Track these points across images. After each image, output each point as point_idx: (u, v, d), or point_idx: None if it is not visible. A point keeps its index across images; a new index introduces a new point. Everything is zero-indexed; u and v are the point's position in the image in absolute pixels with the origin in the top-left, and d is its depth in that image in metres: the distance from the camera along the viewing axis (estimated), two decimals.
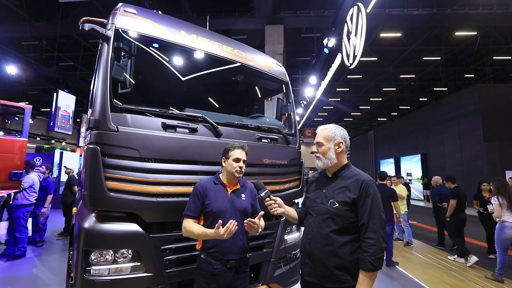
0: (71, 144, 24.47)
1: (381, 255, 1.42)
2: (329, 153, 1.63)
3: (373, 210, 1.47)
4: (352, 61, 6.68)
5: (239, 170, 1.88)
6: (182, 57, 2.55)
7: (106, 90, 1.97)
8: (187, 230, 1.78)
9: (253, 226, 1.71)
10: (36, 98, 20.42)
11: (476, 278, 4.41)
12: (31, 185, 5.05)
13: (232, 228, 1.61)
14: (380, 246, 1.42)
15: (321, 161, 1.66)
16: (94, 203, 1.87)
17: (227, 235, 1.61)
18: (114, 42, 2.10)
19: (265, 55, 3.37)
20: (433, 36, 12.63)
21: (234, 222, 1.62)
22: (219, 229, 1.60)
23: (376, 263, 1.39)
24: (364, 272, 1.41)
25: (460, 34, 12.29)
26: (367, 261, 1.40)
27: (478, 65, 15.09)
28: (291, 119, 3.27)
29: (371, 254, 1.40)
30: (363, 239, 1.45)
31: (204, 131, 2.28)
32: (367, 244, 1.42)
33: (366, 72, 16.21)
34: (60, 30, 10.98)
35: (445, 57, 14.41)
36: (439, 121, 17.69)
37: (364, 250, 1.43)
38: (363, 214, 1.48)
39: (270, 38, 10.84)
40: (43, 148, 19.43)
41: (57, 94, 12.87)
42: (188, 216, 1.81)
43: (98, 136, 1.88)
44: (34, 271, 4.34)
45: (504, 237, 4.28)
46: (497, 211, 4.42)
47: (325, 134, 1.67)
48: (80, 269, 1.80)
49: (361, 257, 1.43)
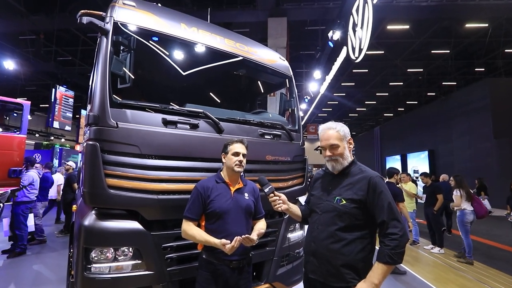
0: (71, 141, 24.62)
1: (402, 250, 1.41)
2: (346, 153, 1.63)
3: (391, 206, 1.47)
4: (358, 54, 6.62)
5: (238, 164, 1.87)
6: (182, 51, 2.54)
7: (105, 85, 1.97)
8: (188, 234, 1.78)
9: (248, 242, 1.70)
10: (34, 94, 20.54)
11: (484, 277, 4.41)
12: (31, 182, 5.11)
13: (238, 245, 1.64)
14: (403, 241, 1.41)
15: (338, 164, 1.63)
16: (94, 201, 1.89)
17: (231, 252, 1.64)
18: (113, 36, 2.10)
19: (268, 49, 3.35)
20: (442, 28, 12.46)
21: (240, 239, 1.64)
22: (225, 245, 1.63)
23: (396, 257, 1.39)
24: (380, 263, 1.41)
25: (470, 26, 12.12)
26: (386, 254, 1.39)
27: (489, 59, 14.91)
28: (294, 115, 3.26)
29: (392, 248, 1.39)
30: (386, 234, 1.43)
31: (205, 127, 2.28)
32: (390, 238, 1.41)
33: (372, 66, 16.08)
34: (58, 24, 10.99)
35: (455, 50, 14.24)
36: (447, 116, 17.53)
37: (385, 244, 1.42)
38: (380, 211, 1.47)
39: (273, 31, 10.76)
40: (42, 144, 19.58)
41: (55, 90, 12.94)
42: (189, 218, 1.81)
43: (98, 132, 1.89)
44: (35, 268, 4.41)
45: (466, 221, 5.14)
46: (457, 201, 5.35)
47: (336, 135, 1.63)
48: (80, 267, 1.82)
49: (381, 250, 1.43)
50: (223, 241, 1.65)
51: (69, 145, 21.82)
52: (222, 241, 1.65)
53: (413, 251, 5.94)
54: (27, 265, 4.54)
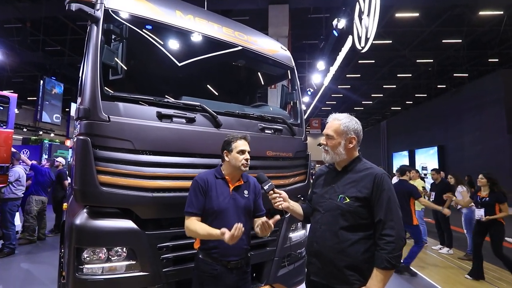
0: (60, 136, 24.61)
1: (399, 253, 1.42)
2: (339, 148, 1.61)
3: (390, 206, 1.47)
4: (364, 44, 6.58)
5: (245, 163, 1.87)
6: (178, 40, 2.53)
7: (96, 77, 1.96)
8: (191, 230, 1.76)
9: (267, 228, 1.69)
10: (21, 86, 20.43)
11: (495, 280, 4.45)
12: (17, 178, 5.12)
13: (238, 233, 1.55)
14: (399, 244, 1.42)
15: (328, 155, 1.65)
16: (85, 198, 1.89)
17: (232, 241, 1.56)
18: (104, 24, 2.08)
19: (269, 38, 3.33)
20: (453, 16, 12.34)
21: (240, 226, 1.56)
22: (225, 234, 1.55)
23: (394, 261, 1.40)
24: (379, 269, 1.42)
25: (484, 13, 12.00)
26: (384, 259, 1.40)
27: (504, 49, 14.78)
28: (296, 108, 3.25)
29: (389, 251, 1.40)
30: (381, 236, 1.45)
31: (202, 121, 2.28)
32: (385, 241, 1.43)
33: (379, 56, 15.98)
34: (45, 11, 10.87)
35: (467, 40, 14.13)
36: (458, 110, 17.49)
37: (381, 247, 1.43)
38: (379, 210, 1.48)
39: (274, 20, 10.66)
40: (30, 139, 19.60)
41: (43, 82, 12.89)
42: (191, 213, 1.80)
43: (88, 127, 1.89)
44: (24, 269, 4.44)
45: (472, 219, 5.09)
46: (465, 197, 5.36)
47: (336, 127, 1.63)
48: (72, 268, 1.84)
49: (378, 254, 1.44)
50: (224, 229, 1.58)
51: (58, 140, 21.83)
52: (222, 229, 1.59)
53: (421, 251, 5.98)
54: (16, 266, 4.58)
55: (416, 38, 14.06)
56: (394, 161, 25.28)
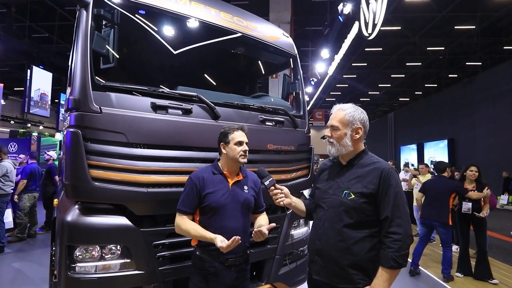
0: (50, 128, 24.60)
1: (406, 251, 1.43)
2: (345, 140, 1.61)
3: (397, 202, 1.48)
4: (371, 30, 6.53)
5: (243, 155, 1.88)
6: (173, 26, 2.51)
7: (87, 65, 1.95)
8: (182, 228, 1.79)
9: (260, 237, 1.72)
10: (7, 76, 20.31)
11: (505, 278, 4.50)
12: (5, 173, 5.13)
13: (234, 245, 1.62)
14: (406, 242, 1.43)
15: (334, 148, 1.65)
16: (76, 194, 1.90)
17: (226, 250, 1.63)
18: (94, 9, 2.06)
19: (270, 24, 3.31)
20: (467, 1, 12.20)
21: (238, 239, 1.61)
22: (222, 243, 1.61)
23: (400, 260, 1.41)
24: (385, 268, 1.43)
25: None
26: (390, 258, 1.41)
27: None
28: (299, 99, 3.24)
29: (396, 250, 1.41)
30: (387, 234, 1.46)
31: (199, 112, 2.27)
32: (392, 239, 1.44)
33: (387, 44, 15.86)
34: None
35: (481, 26, 13.97)
36: (470, 101, 17.43)
37: (387, 245, 1.44)
38: (386, 206, 1.48)
39: (275, 4, 10.56)
40: (18, 132, 19.59)
41: (31, 71, 12.82)
42: (182, 211, 1.82)
43: (79, 118, 1.88)
44: (15, 267, 4.49)
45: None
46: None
47: (341, 117, 1.63)
48: (64, 267, 1.85)
49: (383, 253, 1.45)
50: (221, 237, 1.65)
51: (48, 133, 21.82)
52: (219, 237, 1.65)
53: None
54: (6, 264, 4.63)
55: (426, 24, 13.91)
56: (402, 154, 25.33)
